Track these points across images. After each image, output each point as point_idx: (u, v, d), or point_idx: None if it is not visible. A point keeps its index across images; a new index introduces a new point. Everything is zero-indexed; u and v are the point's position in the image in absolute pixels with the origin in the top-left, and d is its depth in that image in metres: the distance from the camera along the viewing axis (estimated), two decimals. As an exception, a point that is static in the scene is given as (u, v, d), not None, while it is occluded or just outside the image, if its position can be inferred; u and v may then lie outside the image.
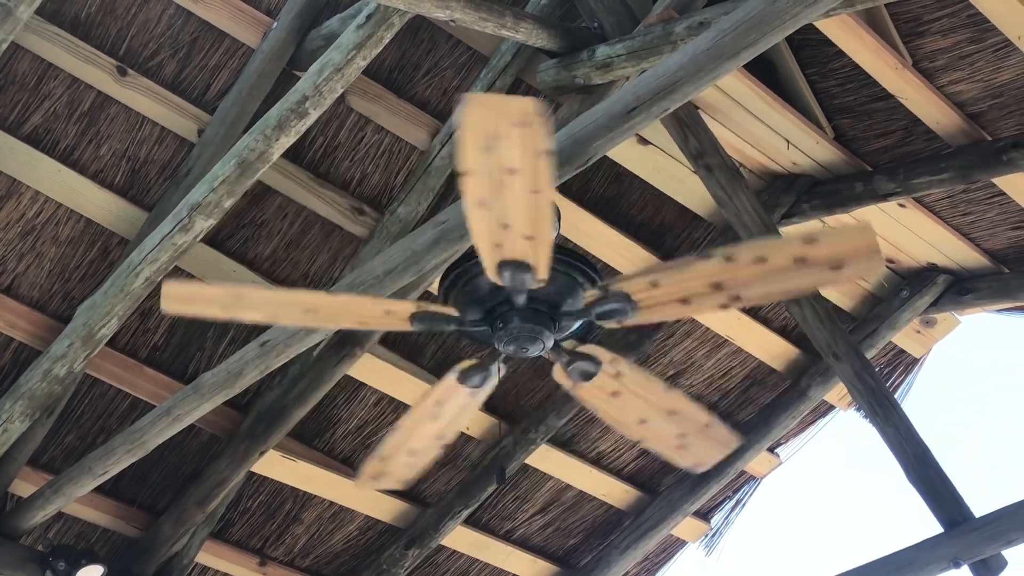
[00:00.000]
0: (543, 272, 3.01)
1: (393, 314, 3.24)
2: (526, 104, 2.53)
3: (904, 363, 6.34)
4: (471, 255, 3.23)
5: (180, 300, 3.30)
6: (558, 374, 3.37)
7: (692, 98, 3.34)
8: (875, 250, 2.83)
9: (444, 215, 3.72)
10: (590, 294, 3.16)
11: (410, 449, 3.66)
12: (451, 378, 3.40)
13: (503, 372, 3.39)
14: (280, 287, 3.37)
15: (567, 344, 3.34)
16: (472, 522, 6.10)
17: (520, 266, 2.98)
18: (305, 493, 5.72)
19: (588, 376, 3.34)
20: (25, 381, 4.66)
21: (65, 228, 4.73)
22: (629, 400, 3.42)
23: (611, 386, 3.38)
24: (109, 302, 4.46)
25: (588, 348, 3.32)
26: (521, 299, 3.16)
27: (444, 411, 3.51)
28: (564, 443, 6.06)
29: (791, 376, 6.14)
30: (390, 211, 5.02)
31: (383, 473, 3.79)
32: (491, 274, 3.03)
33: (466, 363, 3.36)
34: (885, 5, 4.77)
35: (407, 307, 3.22)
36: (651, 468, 6.36)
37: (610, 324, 3.22)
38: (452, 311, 3.26)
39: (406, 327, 3.25)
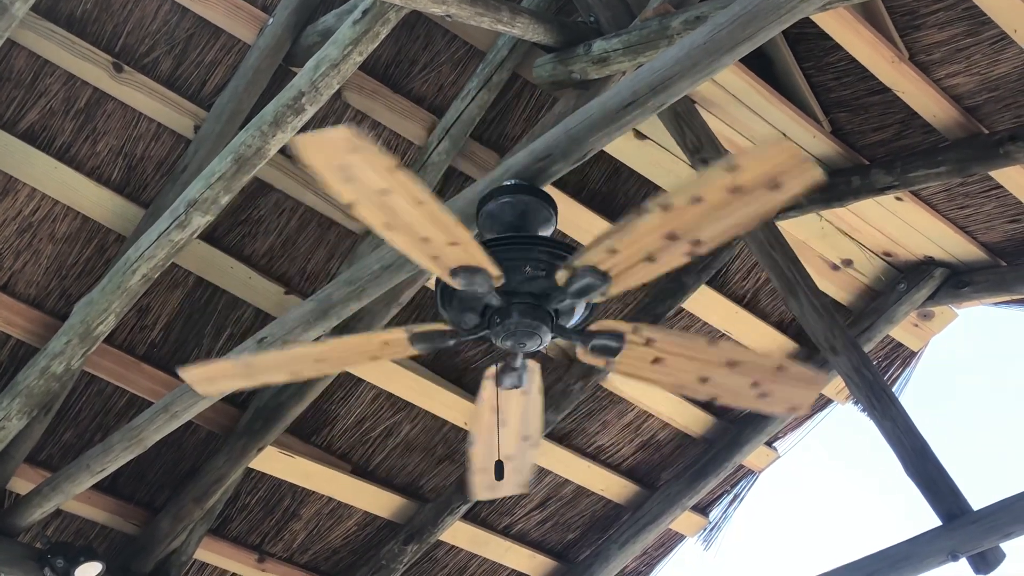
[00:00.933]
0: (493, 268, 3.02)
1: (392, 343, 3.25)
2: (344, 133, 2.58)
3: (902, 356, 6.34)
4: None
5: (206, 382, 3.47)
6: (586, 358, 3.33)
7: (689, 92, 3.33)
8: (802, 158, 2.67)
9: (441, 211, 3.72)
10: (559, 277, 3.11)
11: (505, 456, 3.59)
12: (489, 387, 3.40)
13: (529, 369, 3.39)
14: (288, 347, 3.50)
15: (576, 328, 3.32)
16: (470, 517, 6.10)
17: (469, 270, 2.98)
18: (303, 489, 5.72)
19: (613, 351, 3.26)
20: (23, 378, 4.66)
21: (62, 225, 4.73)
22: (676, 362, 3.30)
23: (648, 354, 3.27)
24: (106, 299, 4.45)
25: (602, 324, 3.26)
26: (495, 299, 3.15)
27: (507, 416, 3.50)
28: (562, 438, 6.06)
29: (789, 370, 6.12)
30: (387, 207, 5.01)
31: (494, 483, 3.75)
32: (453, 284, 3.05)
33: (493, 369, 3.37)
34: (881, -2, 4.78)
35: (402, 334, 3.23)
36: (649, 463, 6.36)
37: (596, 298, 3.19)
38: (444, 326, 3.26)
39: (411, 351, 3.26)
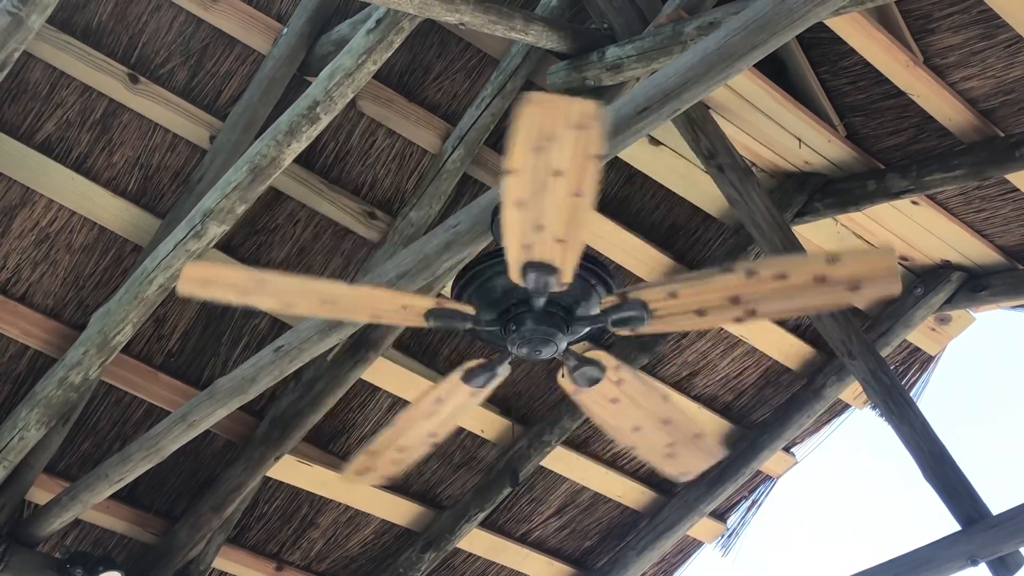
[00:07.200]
0: (568, 276, 3.00)
1: (410, 309, 3.19)
2: (586, 106, 2.52)
3: (919, 361, 6.32)
4: (489, 255, 3.22)
5: (199, 282, 3.16)
6: (562, 379, 3.36)
7: (703, 98, 3.33)
8: (893, 273, 2.81)
9: (456, 218, 3.72)
10: (607, 300, 3.15)
11: (400, 446, 3.60)
12: (455, 376, 3.39)
13: (507, 373, 3.37)
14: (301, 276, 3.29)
15: (577, 348, 3.33)
16: (488, 525, 6.10)
17: (545, 268, 2.97)
18: (321, 497, 5.72)
19: (593, 381, 3.32)
20: (41, 389, 4.67)
21: (79, 236, 4.75)
22: (627, 407, 3.41)
23: (611, 392, 3.36)
24: (123, 309, 4.47)
25: (595, 354, 3.31)
26: (540, 301, 3.15)
27: (442, 408, 3.49)
28: (579, 445, 6.06)
29: (806, 375, 6.12)
30: (402, 215, 5.02)
31: (371, 468, 3.72)
32: (514, 275, 3.02)
33: (472, 363, 3.35)
34: (895, 2, 4.76)
35: (424, 303, 3.19)
36: (666, 469, 6.35)
37: (623, 331, 3.21)
38: (469, 309, 3.24)
39: (421, 323, 3.21)
